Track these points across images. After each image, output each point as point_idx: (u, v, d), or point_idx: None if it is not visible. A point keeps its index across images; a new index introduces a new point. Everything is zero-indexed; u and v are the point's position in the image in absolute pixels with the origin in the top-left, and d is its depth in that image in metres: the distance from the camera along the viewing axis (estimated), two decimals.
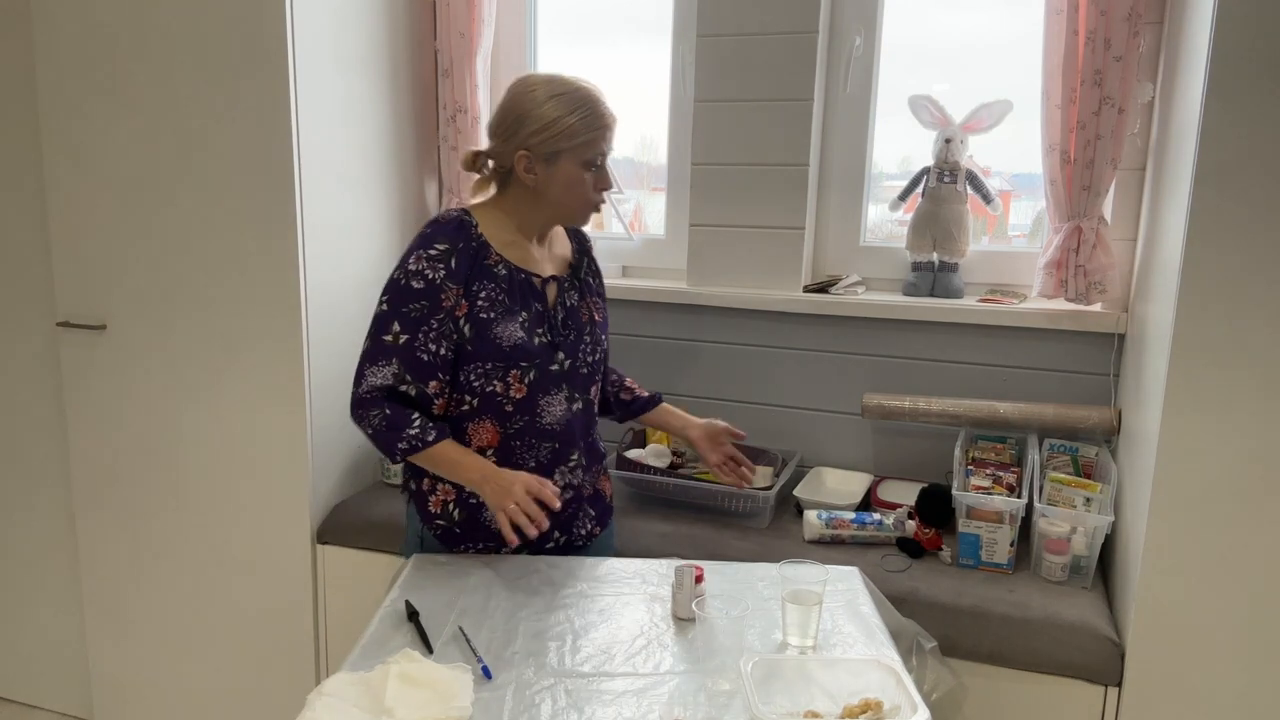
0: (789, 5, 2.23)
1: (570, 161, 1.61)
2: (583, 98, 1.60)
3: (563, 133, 1.59)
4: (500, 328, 1.63)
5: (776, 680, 1.32)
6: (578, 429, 1.74)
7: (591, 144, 1.61)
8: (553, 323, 1.69)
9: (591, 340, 1.75)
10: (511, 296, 1.65)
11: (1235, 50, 1.47)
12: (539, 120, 1.59)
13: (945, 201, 2.25)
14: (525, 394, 1.66)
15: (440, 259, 1.60)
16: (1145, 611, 1.66)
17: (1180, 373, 1.57)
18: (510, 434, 1.68)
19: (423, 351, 1.62)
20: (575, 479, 1.75)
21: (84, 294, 2.34)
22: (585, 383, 1.75)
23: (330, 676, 1.32)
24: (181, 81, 2.14)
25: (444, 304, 1.61)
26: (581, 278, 1.78)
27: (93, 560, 2.48)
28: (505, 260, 1.65)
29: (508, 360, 1.63)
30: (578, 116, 1.59)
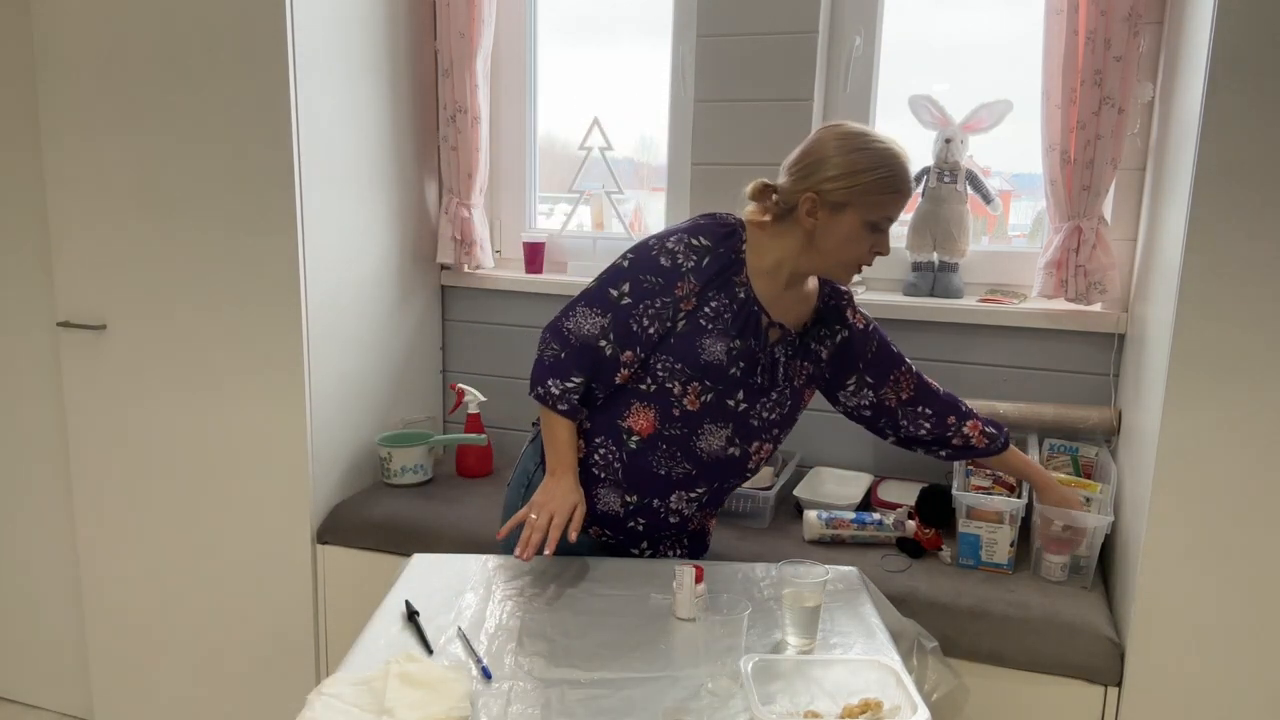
0: (789, 5, 2.23)
1: (855, 215, 1.56)
2: (888, 158, 1.55)
3: (858, 186, 1.55)
4: (709, 340, 1.61)
5: (776, 680, 1.32)
6: (721, 471, 1.69)
7: (881, 205, 1.56)
8: (758, 364, 1.64)
9: (779, 398, 1.68)
10: (735, 320, 1.62)
11: (1235, 50, 1.47)
12: (838, 167, 1.55)
13: (945, 201, 2.25)
14: (696, 410, 1.63)
15: (697, 251, 1.61)
16: (1145, 611, 1.66)
17: (1180, 373, 1.57)
18: (663, 434, 1.65)
19: (635, 321, 1.61)
20: (689, 510, 1.72)
21: (84, 294, 2.34)
22: (752, 434, 1.68)
23: (330, 676, 1.32)
24: (181, 81, 2.14)
25: (676, 291, 1.61)
26: (806, 339, 1.71)
27: (93, 560, 2.48)
28: (749, 286, 1.63)
29: (696, 371, 1.61)
30: (878, 175, 1.54)
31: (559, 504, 1.60)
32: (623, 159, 2.63)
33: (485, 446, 2.51)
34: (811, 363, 1.73)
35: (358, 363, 2.39)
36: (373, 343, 2.43)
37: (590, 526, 1.74)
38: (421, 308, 2.63)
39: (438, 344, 2.73)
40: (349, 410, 2.37)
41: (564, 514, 1.59)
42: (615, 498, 1.70)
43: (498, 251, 2.70)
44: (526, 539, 1.56)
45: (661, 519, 1.72)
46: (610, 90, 2.60)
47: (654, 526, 1.73)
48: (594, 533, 1.75)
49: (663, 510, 1.71)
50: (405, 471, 2.39)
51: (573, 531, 1.59)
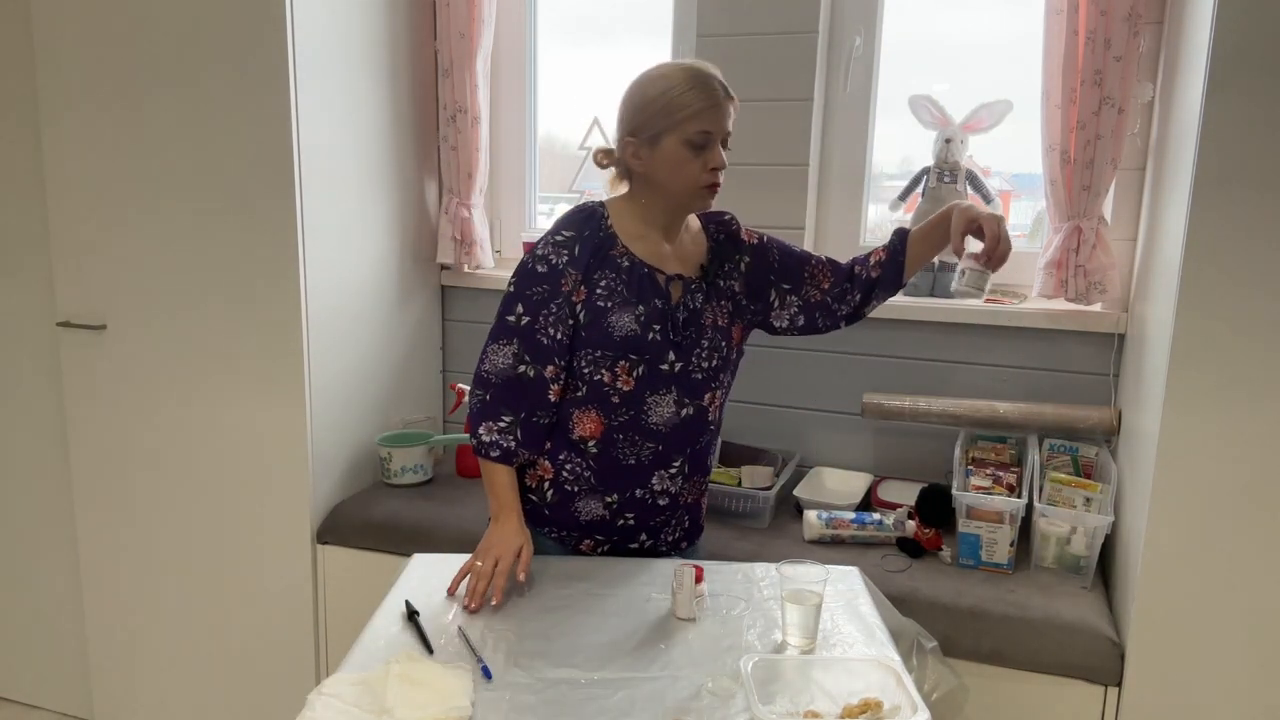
0: (789, 5, 2.23)
1: (671, 141, 1.57)
2: (674, 76, 1.56)
3: (659, 111, 1.56)
4: (614, 317, 1.62)
5: (776, 680, 1.32)
6: (685, 436, 1.69)
7: (689, 120, 1.56)
8: (673, 321, 1.65)
9: (710, 345, 1.68)
10: (630, 288, 1.63)
11: (1235, 50, 1.47)
12: (635, 104, 1.59)
13: (945, 201, 2.24)
14: (633, 388, 1.64)
15: (565, 245, 1.63)
16: (1145, 611, 1.66)
17: (1180, 373, 1.57)
18: (614, 427, 1.65)
19: (542, 334, 1.62)
20: (674, 486, 1.71)
21: (84, 294, 2.34)
22: (698, 389, 1.68)
23: (330, 676, 1.32)
24: (182, 81, 2.14)
25: (563, 289, 1.62)
26: (711, 279, 1.71)
27: (93, 560, 2.48)
28: (630, 253, 1.64)
29: (617, 350, 1.62)
30: (670, 96, 1.55)
31: (503, 548, 1.58)
32: None
33: None
34: (728, 299, 1.73)
35: (358, 363, 2.39)
36: (373, 343, 2.43)
37: (580, 542, 1.73)
38: (421, 308, 2.63)
39: (438, 344, 2.73)
40: (349, 410, 2.37)
41: (509, 558, 1.57)
42: (596, 503, 1.70)
43: (498, 251, 2.70)
44: (473, 588, 1.54)
45: (650, 505, 1.71)
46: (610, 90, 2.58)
47: (645, 515, 1.72)
48: (586, 546, 1.73)
49: (648, 496, 1.70)
50: (405, 471, 2.39)
51: (520, 572, 1.58)
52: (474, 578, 1.55)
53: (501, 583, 1.55)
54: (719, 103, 1.58)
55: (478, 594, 1.54)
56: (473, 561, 1.59)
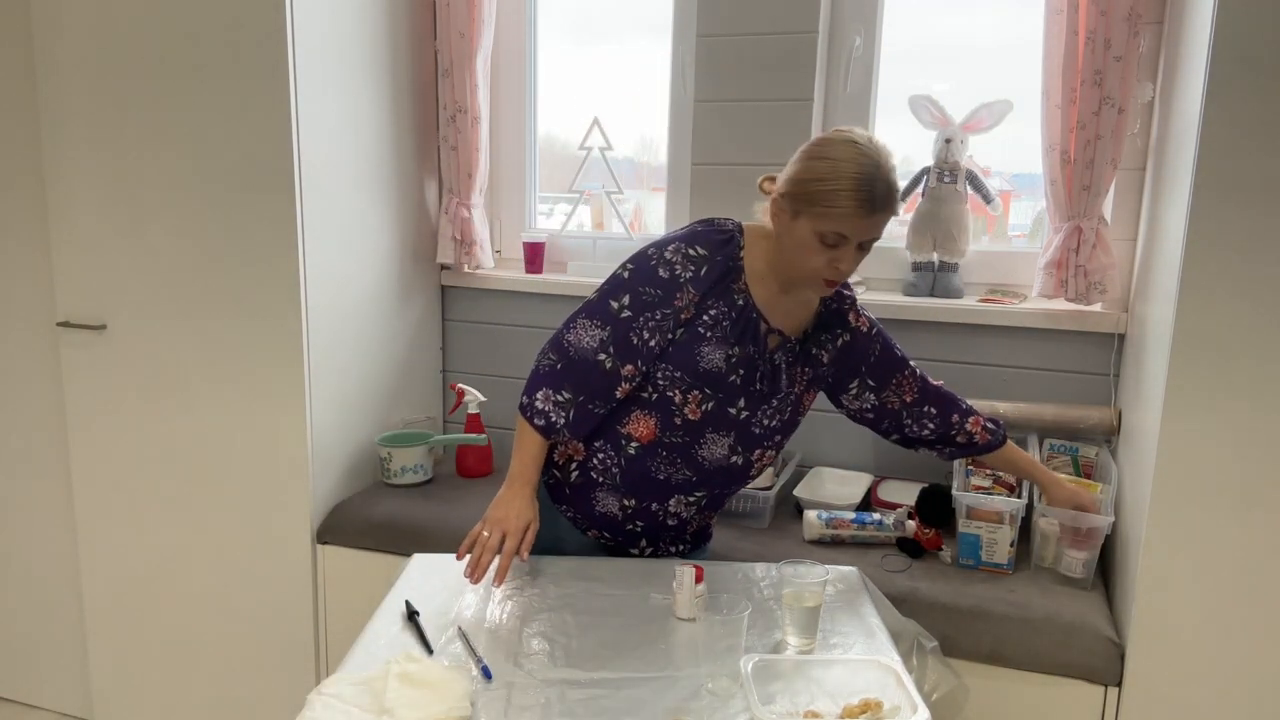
0: (789, 5, 2.23)
1: (807, 224, 1.52)
2: (844, 170, 1.48)
3: (806, 194, 1.51)
4: (708, 349, 1.60)
5: (776, 680, 1.32)
6: (722, 479, 1.69)
7: (827, 218, 1.50)
8: (758, 370, 1.63)
9: (779, 405, 1.67)
10: (734, 328, 1.61)
11: (1235, 50, 1.47)
12: (797, 171, 1.53)
13: (945, 201, 2.25)
14: (698, 419, 1.62)
15: (695, 261, 1.60)
16: (1145, 611, 1.66)
17: (1180, 373, 1.57)
18: (664, 441, 1.64)
19: (636, 334, 1.60)
20: (687, 513, 1.72)
21: (84, 294, 2.34)
22: (754, 442, 1.67)
23: (330, 676, 1.32)
24: (181, 81, 2.14)
25: (676, 302, 1.59)
26: (805, 345, 1.69)
27: (93, 560, 2.48)
28: (748, 292, 1.62)
29: (695, 379, 1.60)
30: (827, 187, 1.49)
31: (513, 523, 1.57)
32: (623, 159, 2.63)
33: (485, 446, 2.51)
34: (812, 367, 1.72)
35: (358, 362, 2.39)
36: (373, 343, 2.43)
37: (589, 529, 1.74)
38: (421, 308, 2.63)
39: (438, 344, 2.73)
40: (349, 410, 2.37)
41: (516, 535, 1.56)
42: (614, 501, 1.69)
43: (498, 251, 2.70)
44: (477, 560, 1.53)
45: (660, 522, 1.72)
46: (610, 90, 2.60)
47: (652, 528, 1.73)
48: (593, 535, 1.75)
49: (661, 513, 1.71)
50: (405, 471, 2.39)
51: (524, 551, 1.57)
52: (478, 549, 1.54)
53: (506, 564, 1.54)
54: (869, 214, 1.50)
55: (482, 566, 1.53)
56: (479, 530, 1.57)
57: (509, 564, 1.54)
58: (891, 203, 1.52)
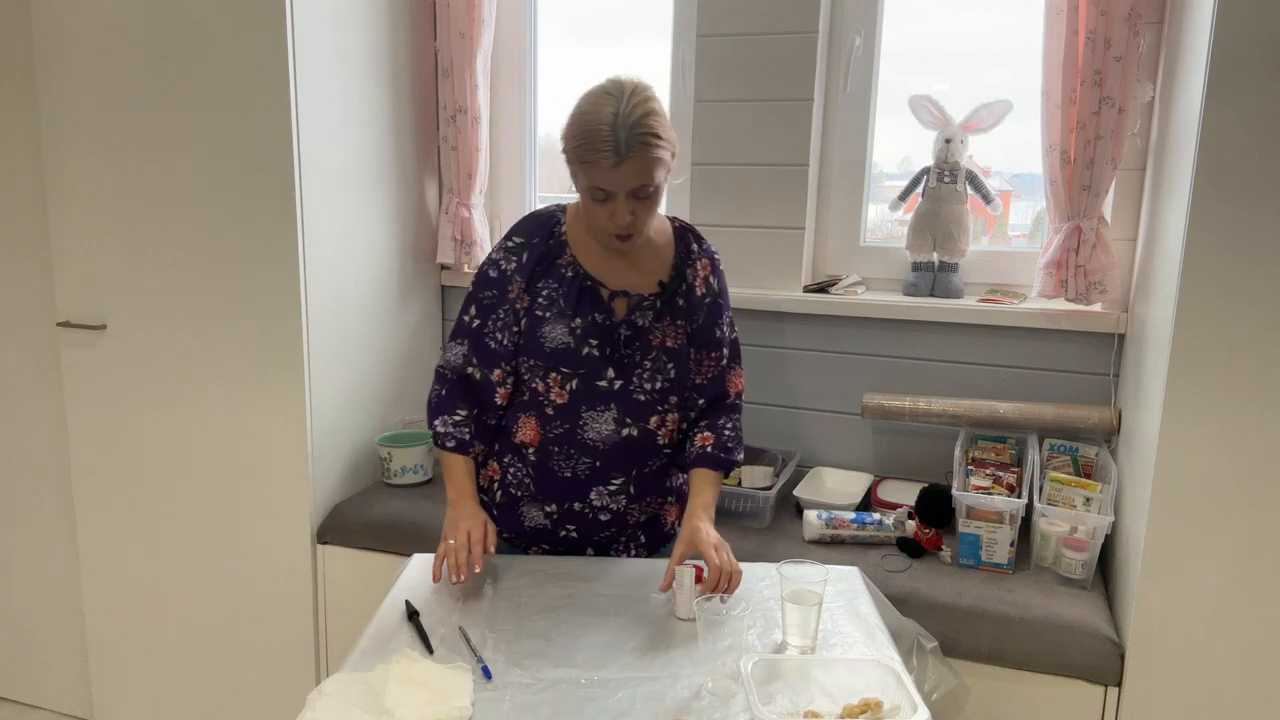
0: (789, 5, 2.23)
1: (581, 181, 1.52)
2: (590, 123, 1.46)
3: (567, 152, 1.52)
4: (548, 328, 1.61)
5: (776, 680, 1.32)
6: (626, 456, 1.65)
7: (583, 174, 1.50)
8: (614, 337, 1.61)
9: (654, 366, 1.63)
10: (568, 300, 1.60)
11: (1235, 50, 1.47)
12: (564, 132, 1.52)
13: (945, 201, 2.25)
14: (567, 401, 1.62)
15: (515, 251, 1.64)
16: (1145, 611, 1.66)
17: (1180, 373, 1.57)
18: (549, 438, 1.65)
19: (490, 339, 1.64)
20: (617, 505, 1.69)
21: (84, 294, 2.34)
22: (642, 410, 1.64)
23: (330, 676, 1.32)
24: (182, 81, 2.14)
25: (510, 295, 1.63)
26: (669, 297, 1.65)
27: (93, 560, 2.48)
28: (576, 263, 1.62)
29: (548, 361, 1.61)
30: (577, 143, 1.48)
31: (470, 522, 1.59)
32: None
33: None
34: (685, 318, 1.66)
35: (358, 362, 2.39)
36: (373, 343, 2.43)
37: (529, 547, 1.74)
38: (421, 308, 2.63)
39: (438, 344, 2.73)
40: (349, 410, 2.37)
41: (479, 528, 1.58)
42: (537, 511, 1.70)
43: None
44: (454, 564, 1.54)
45: (591, 520, 1.69)
46: None
47: (587, 530, 1.70)
48: (535, 552, 1.74)
49: (588, 511, 1.69)
50: (405, 471, 2.39)
51: (489, 544, 1.58)
52: (451, 555, 1.56)
53: (479, 550, 1.55)
54: (618, 163, 1.46)
55: (461, 566, 1.54)
56: (444, 542, 1.58)
57: (480, 550, 1.55)
58: (638, 149, 1.45)
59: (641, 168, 1.48)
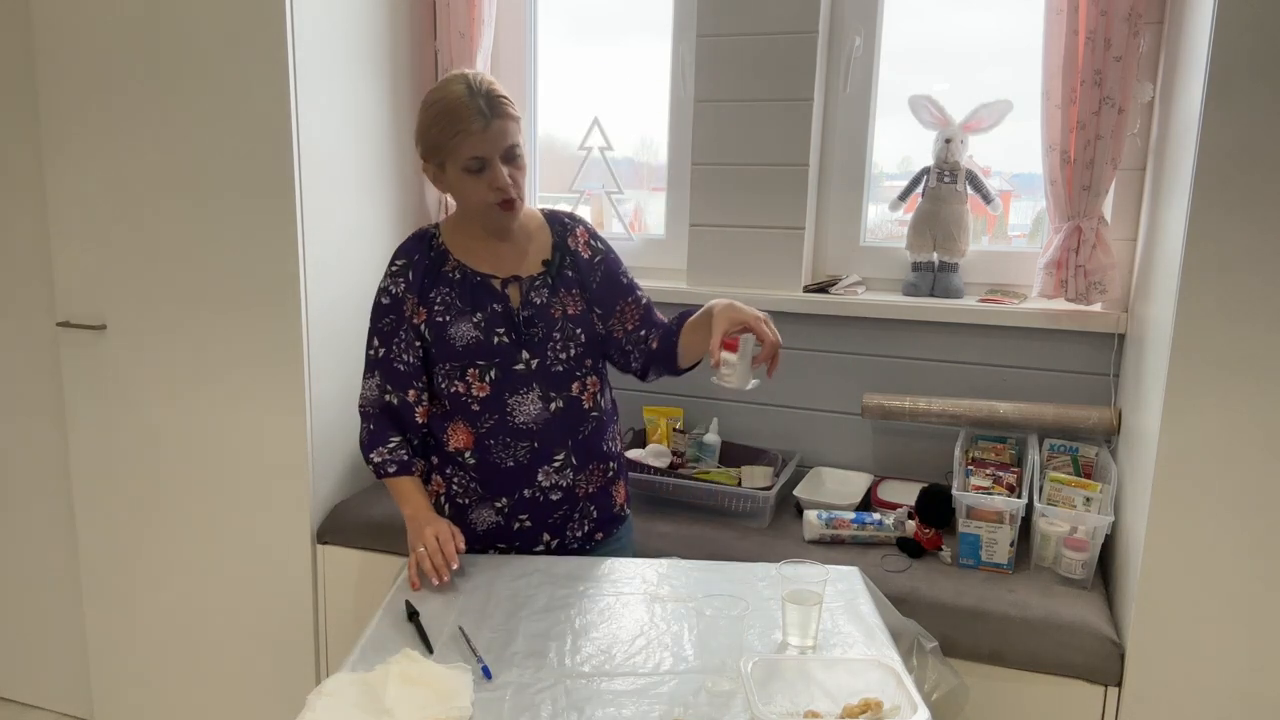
0: (789, 5, 2.23)
1: (452, 168, 1.60)
2: (447, 103, 1.56)
3: (433, 143, 1.59)
4: (454, 329, 1.66)
5: (776, 680, 1.32)
6: (560, 428, 1.70)
7: (458, 150, 1.57)
8: (515, 322, 1.68)
9: (564, 336, 1.70)
10: (464, 299, 1.67)
11: (1235, 50, 1.47)
12: (418, 132, 1.62)
13: (945, 201, 2.25)
14: (490, 392, 1.67)
15: (400, 273, 1.70)
16: (1145, 611, 1.66)
17: (1180, 373, 1.57)
18: (483, 433, 1.69)
19: (398, 362, 1.70)
20: (565, 479, 1.72)
21: (84, 294, 2.34)
22: (563, 381, 1.70)
23: (330, 676, 1.32)
24: (182, 81, 2.14)
25: (405, 314, 1.68)
26: (556, 272, 1.72)
27: (93, 560, 2.48)
28: (461, 265, 1.69)
29: (463, 359, 1.66)
30: (438, 127, 1.57)
31: (433, 527, 1.62)
32: (623, 159, 2.63)
33: None
34: (578, 287, 1.74)
35: (358, 363, 2.37)
36: None
37: (487, 550, 1.75)
38: None
39: None
40: (349, 410, 2.36)
41: (445, 529, 1.62)
42: (489, 510, 1.72)
43: None
44: (431, 567, 1.57)
45: (543, 503, 1.72)
46: (610, 90, 2.60)
47: (540, 513, 1.72)
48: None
49: (538, 494, 1.71)
50: None
51: (459, 542, 1.61)
52: (425, 559, 1.58)
53: (450, 549, 1.58)
54: (486, 125, 1.55)
55: (439, 568, 1.57)
56: (414, 551, 1.61)
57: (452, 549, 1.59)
58: (500, 106, 1.56)
59: (506, 127, 1.58)
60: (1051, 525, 1.90)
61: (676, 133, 2.50)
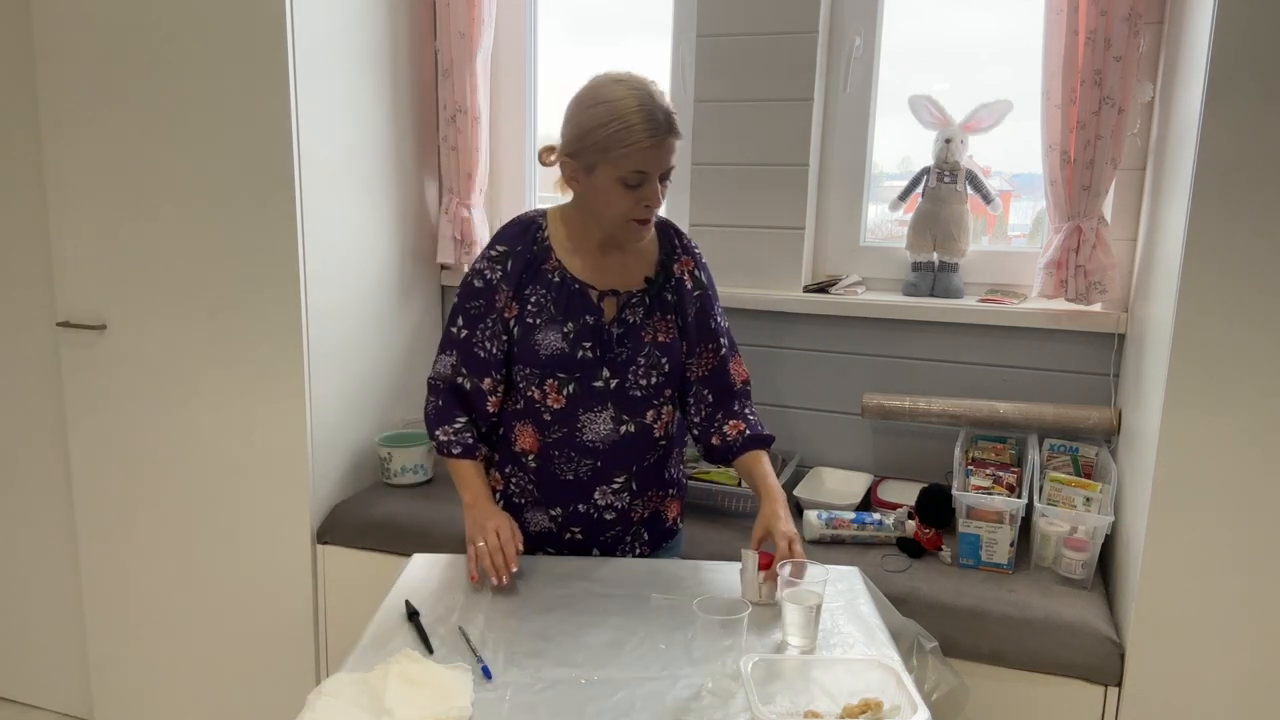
0: (789, 5, 2.23)
1: (605, 173, 1.52)
2: (619, 111, 1.48)
3: (595, 145, 1.50)
4: (541, 335, 1.62)
5: (776, 680, 1.32)
6: (627, 452, 1.67)
7: (625, 160, 1.50)
8: (605, 338, 1.63)
9: (648, 363, 1.65)
10: (559, 305, 1.62)
11: (1235, 50, 1.47)
12: (576, 127, 1.53)
13: (945, 201, 2.25)
14: (564, 405, 1.63)
15: (499, 260, 1.63)
16: (1145, 611, 1.66)
17: (1180, 373, 1.57)
18: (549, 443, 1.66)
19: (479, 348, 1.65)
20: (621, 502, 1.71)
21: (84, 294, 2.34)
22: (639, 406, 1.66)
23: (330, 676, 1.32)
24: (182, 81, 2.14)
25: (497, 304, 1.63)
26: (656, 293, 1.67)
27: (93, 560, 2.48)
28: (562, 268, 1.63)
29: (544, 368, 1.62)
30: (610, 131, 1.48)
31: (495, 522, 1.59)
32: None
33: None
34: (675, 313, 1.69)
35: (358, 363, 2.39)
36: (373, 343, 2.43)
37: (536, 551, 1.74)
38: (421, 308, 2.63)
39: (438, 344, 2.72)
40: (349, 410, 2.37)
41: (506, 528, 1.59)
42: (542, 515, 1.72)
43: None
44: (489, 567, 1.55)
45: (596, 520, 1.71)
46: None
47: (593, 529, 1.71)
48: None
49: (593, 511, 1.70)
50: (405, 471, 2.39)
51: (518, 542, 1.59)
52: (485, 559, 1.55)
53: (512, 550, 1.56)
54: (661, 141, 1.50)
55: (500, 568, 1.54)
56: (473, 545, 1.58)
57: (514, 550, 1.56)
58: (674, 125, 1.52)
59: (675, 147, 1.54)
60: (1051, 525, 1.90)
61: None
